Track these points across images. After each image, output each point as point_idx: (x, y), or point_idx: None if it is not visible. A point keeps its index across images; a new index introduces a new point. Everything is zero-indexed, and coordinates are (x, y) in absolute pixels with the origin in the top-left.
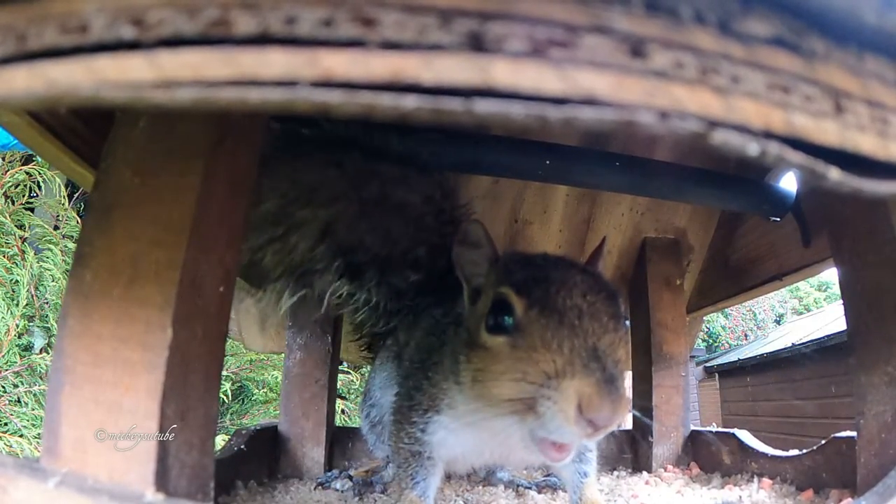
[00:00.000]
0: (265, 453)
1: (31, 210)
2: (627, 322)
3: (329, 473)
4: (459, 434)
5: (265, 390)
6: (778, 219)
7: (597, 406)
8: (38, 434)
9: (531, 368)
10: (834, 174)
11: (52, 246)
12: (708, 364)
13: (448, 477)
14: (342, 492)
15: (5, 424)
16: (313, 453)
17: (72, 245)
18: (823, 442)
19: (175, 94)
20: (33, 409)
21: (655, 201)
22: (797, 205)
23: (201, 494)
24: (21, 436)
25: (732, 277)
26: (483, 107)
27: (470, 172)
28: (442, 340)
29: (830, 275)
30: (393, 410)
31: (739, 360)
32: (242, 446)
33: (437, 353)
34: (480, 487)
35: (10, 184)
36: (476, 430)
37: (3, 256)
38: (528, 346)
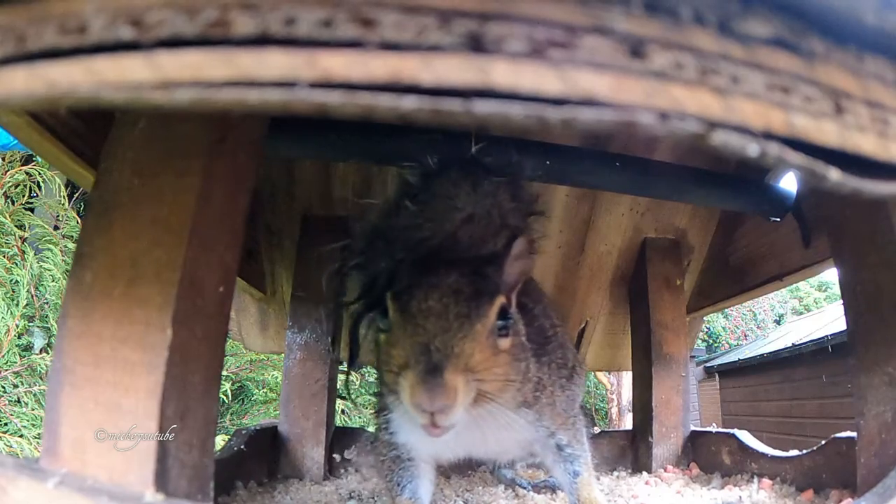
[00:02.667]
0: (265, 453)
1: (31, 210)
2: (508, 321)
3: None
4: (415, 431)
5: (265, 390)
6: (778, 219)
7: (416, 395)
8: (38, 434)
9: (390, 363)
10: (834, 175)
11: (52, 246)
12: (708, 364)
13: (448, 477)
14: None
15: (5, 424)
16: (313, 453)
17: (72, 245)
18: (823, 442)
19: (174, 95)
20: (33, 409)
21: (655, 201)
22: (797, 205)
23: (201, 494)
24: (21, 436)
25: (732, 277)
26: (482, 107)
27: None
28: None
29: (830, 275)
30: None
31: (739, 360)
32: (242, 446)
33: None
34: (480, 488)
35: (10, 184)
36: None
37: (3, 256)
38: (392, 343)
